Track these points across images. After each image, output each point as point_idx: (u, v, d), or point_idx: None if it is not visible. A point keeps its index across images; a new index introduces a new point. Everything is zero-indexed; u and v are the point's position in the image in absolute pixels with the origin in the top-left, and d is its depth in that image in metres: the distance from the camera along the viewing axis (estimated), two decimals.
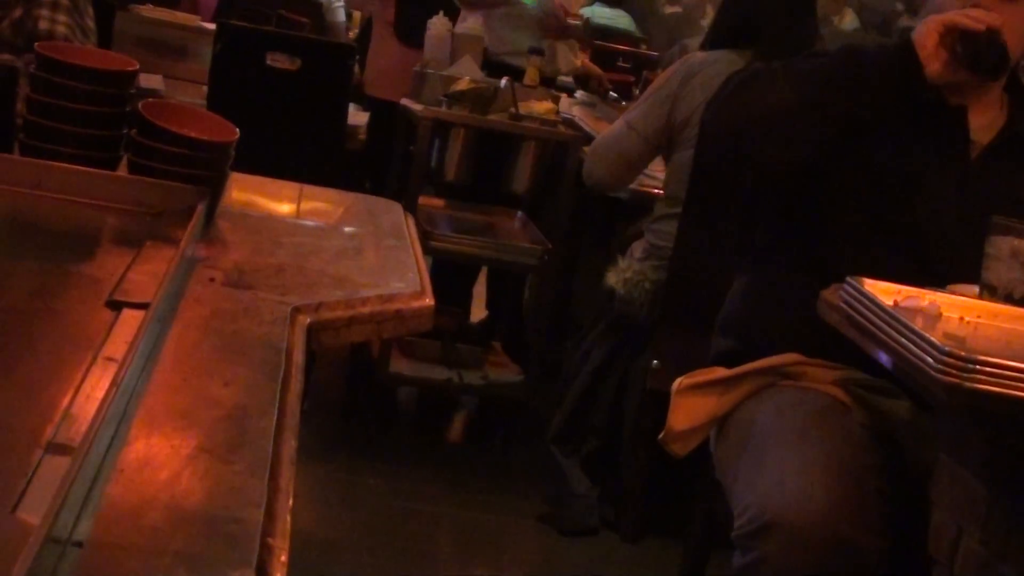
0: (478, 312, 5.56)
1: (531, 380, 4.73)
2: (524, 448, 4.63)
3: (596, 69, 6.32)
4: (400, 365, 4.68)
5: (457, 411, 5.06)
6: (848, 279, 2.25)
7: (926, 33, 2.52)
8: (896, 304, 2.16)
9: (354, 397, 4.76)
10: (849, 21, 9.59)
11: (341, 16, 6.45)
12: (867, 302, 2.16)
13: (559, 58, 5.51)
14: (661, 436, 2.81)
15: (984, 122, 2.74)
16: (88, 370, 1.26)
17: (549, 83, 5.35)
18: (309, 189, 2.41)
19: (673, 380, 2.86)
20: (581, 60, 6.05)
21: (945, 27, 2.50)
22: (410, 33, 5.33)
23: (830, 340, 2.39)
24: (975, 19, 2.48)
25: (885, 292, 2.19)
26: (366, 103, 5.35)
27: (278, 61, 4.18)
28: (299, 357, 1.49)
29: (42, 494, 1.00)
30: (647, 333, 3.84)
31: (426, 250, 4.10)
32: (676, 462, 2.87)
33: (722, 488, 2.72)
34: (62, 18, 2.56)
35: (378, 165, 5.49)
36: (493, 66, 5.09)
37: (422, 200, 4.77)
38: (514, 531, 4.14)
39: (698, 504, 3.10)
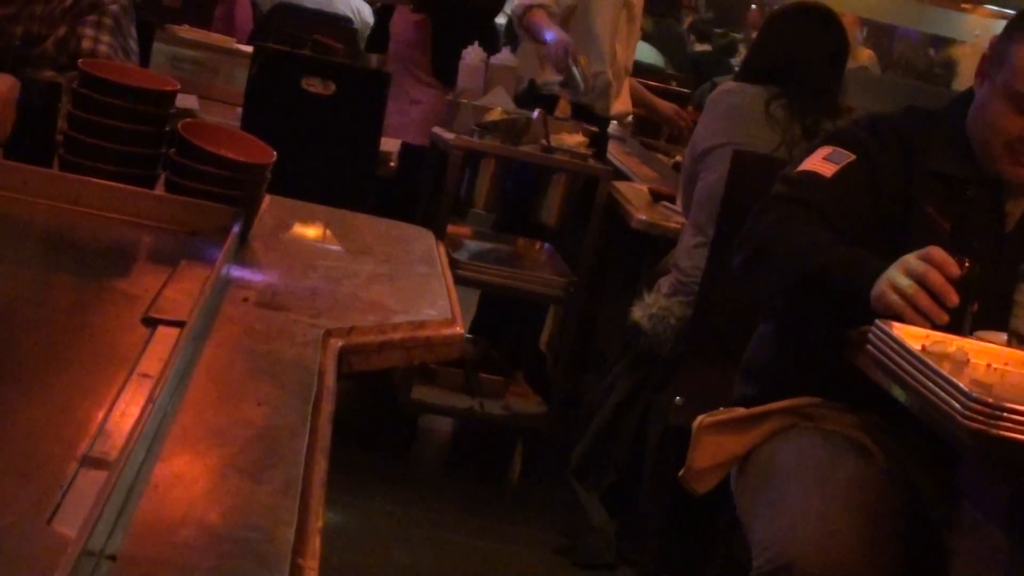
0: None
1: (553, 412, 4.72)
2: (543, 479, 4.63)
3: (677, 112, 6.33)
4: (422, 392, 4.68)
5: (478, 440, 5.06)
6: (877, 322, 2.25)
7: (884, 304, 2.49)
8: (924, 348, 2.16)
9: (375, 422, 4.77)
10: (862, 60, 9.60)
11: None
12: (895, 345, 2.17)
13: (618, 98, 5.53)
14: (681, 473, 2.81)
15: (1019, 195, 2.74)
16: (123, 386, 1.27)
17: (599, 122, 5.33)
18: (342, 213, 2.42)
19: (696, 417, 2.86)
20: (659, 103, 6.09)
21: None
22: (449, 75, 5.29)
23: (852, 386, 2.40)
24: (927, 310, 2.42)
25: (913, 336, 2.19)
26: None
27: (313, 85, 4.20)
28: (331, 380, 1.50)
29: (77, 507, 1.01)
30: (671, 369, 3.84)
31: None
32: (696, 499, 2.86)
33: (741, 527, 2.72)
34: (105, 38, 2.58)
35: (406, 193, 5.51)
36: (539, 98, 5.08)
37: (450, 228, 4.78)
38: (530, 562, 4.13)
39: (717, 542, 3.10)
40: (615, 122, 5.91)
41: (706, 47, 9.69)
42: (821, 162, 2.73)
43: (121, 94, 1.98)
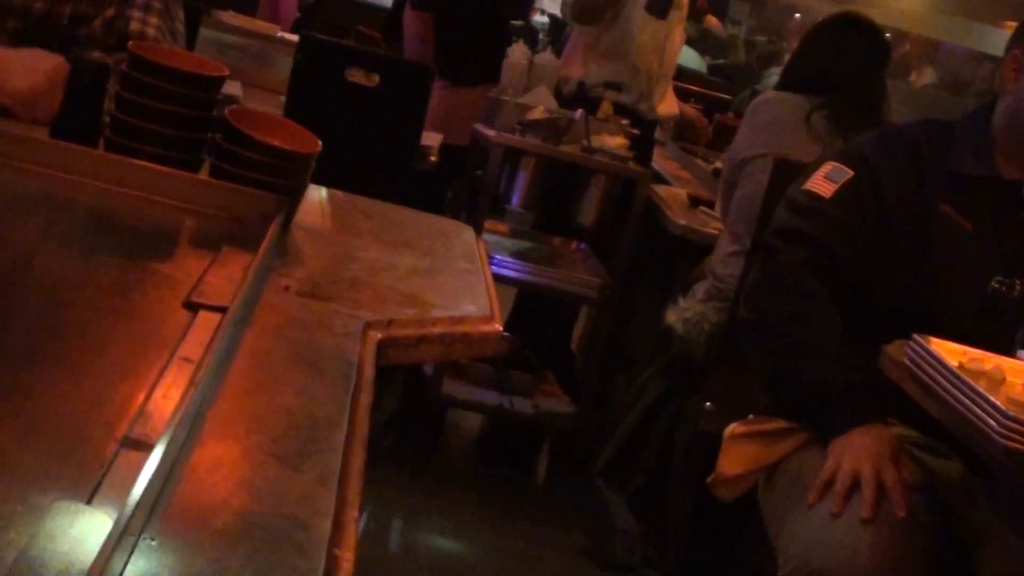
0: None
1: (582, 412, 4.72)
2: (570, 479, 4.63)
3: (700, 119, 6.33)
4: (452, 387, 4.69)
5: (505, 437, 5.06)
6: (914, 336, 2.24)
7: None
8: (960, 365, 2.15)
9: (405, 415, 4.77)
10: (928, 78, 9.56)
11: None
12: (932, 361, 2.16)
13: (663, 100, 5.53)
14: (710, 480, 2.81)
15: None
16: (164, 369, 1.27)
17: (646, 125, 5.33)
18: (384, 206, 2.42)
19: (726, 423, 2.86)
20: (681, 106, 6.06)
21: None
22: (456, 73, 5.27)
23: (886, 399, 2.41)
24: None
25: (951, 352, 2.19)
26: None
27: (356, 76, 4.20)
28: (369, 371, 1.50)
29: (117, 487, 1.02)
30: (703, 374, 3.83)
31: None
32: (723, 506, 2.86)
33: (768, 535, 2.71)
34: (153, 20, 2.59)
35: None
36: (587, 100, 5.08)
37: (487, 225, 4.78)
38: (554, 563, 4.12)
39: (743, 549, 3.09)
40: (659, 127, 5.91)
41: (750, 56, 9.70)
42: (822, 181, 2.77)
43: (169, 77, 1.98)
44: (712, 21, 13.05)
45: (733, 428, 2.82)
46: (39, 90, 2.31)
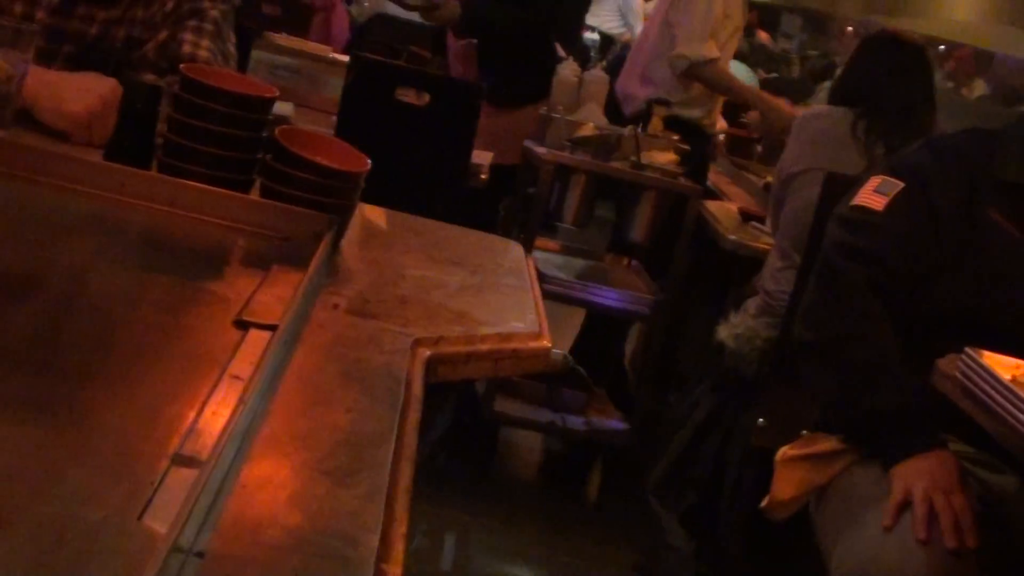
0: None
1: (634, 429, 4.72)
2: (622, 497, 4.63)
3: (749, 132, 6.34)
4: (504, 404, 4.70)
5: (558, 455, 5.06)
6: (967, 350, 2.24)
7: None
8: (1014, 379, 2.14)
9: (457, 433, 4.78)
10: (981, 90, 9.51)
11: None
12: (985, 374, 2.15)
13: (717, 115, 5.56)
14: (763, 505, 2.81)
15: None
16: (215, 387, 1.29)
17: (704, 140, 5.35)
18: (432, 224, 2.43)
19: (778, 439, 2.85)
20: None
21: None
22: (499, 96, 5.26)
23: (938, 414, 2.40)
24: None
25: (1004, 366, 2.18)
26: None
27: (407, 96, 4.22)
28: (418, 389, 1.51)
29: (167, 504, 1.03)
30: (755, 390, 3.82)
31: None
32: (775, 523, 2.86)
33: (820, 552, 2.71)
34: (205, 43, 2.61)
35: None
36: (671, 121, 5.09)
37: (538, 242, 4.79)
38: None
39: (795, 567, 3.08)
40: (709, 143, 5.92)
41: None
42: (871, 195, 2.76)
43: (221, 99, 2.00)
44: (763, 36, 13.04)
45: (784, 451, 2.82)
46: (93, 113, 2.34)
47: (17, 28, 2.17)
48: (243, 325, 1.49)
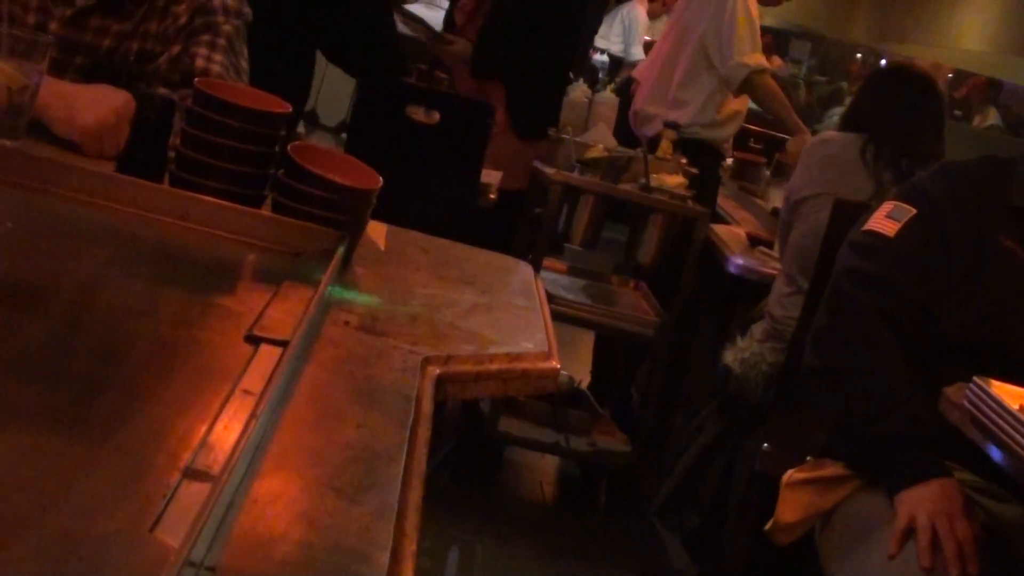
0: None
1: (638, 451, 4.71)
2: (625, 518, 4.62)
3: (758, 157, 6.36)
4: (509, 424, 4.69)
5: (562, 475, 5.06)
6: (975, 379, 2.23)
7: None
8: (1022, 408, 2.14)
9: (461, 452, 4.78)
10: (992, 119, 9.52)
11: None
12: (992, 404, 2.15)
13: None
14: (768, 527, 2.80)
15: None
16: (226, 401, 1.29)
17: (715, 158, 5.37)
18: (443, 242, 2.44)
19: (783, 463, 2.85)
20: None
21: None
22: (530, 129, 5.24)
23: (944, 443, 2.40)
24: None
25: (1011, 395, 2.17)
26: None
27: (417, 114, 4.23)
28: (428, 406, 1.51)
29: (179, 517, 1.03)
30: (760, 415, 3.82)
31: None
32: (779, 547, 2.85)
33: None
34: (218, 57, 2.62)
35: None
36: (688, 143, 5.11)
37: (545, 263, 4.79)
38: None
39: None
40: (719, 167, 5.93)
41: (810, 97, 9.71)
42: (884, 220, 2.76)
43: (234, 114, 2.00)
44: (776, 62, 13.02)
45: (790, 475, 2.81)
46: (106, 125, 2.34)
47: (32, 39, 2.17)
48: (254, 340, 1.49)
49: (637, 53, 10.71)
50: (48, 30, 2.55)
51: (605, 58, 10.84)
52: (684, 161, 4.86)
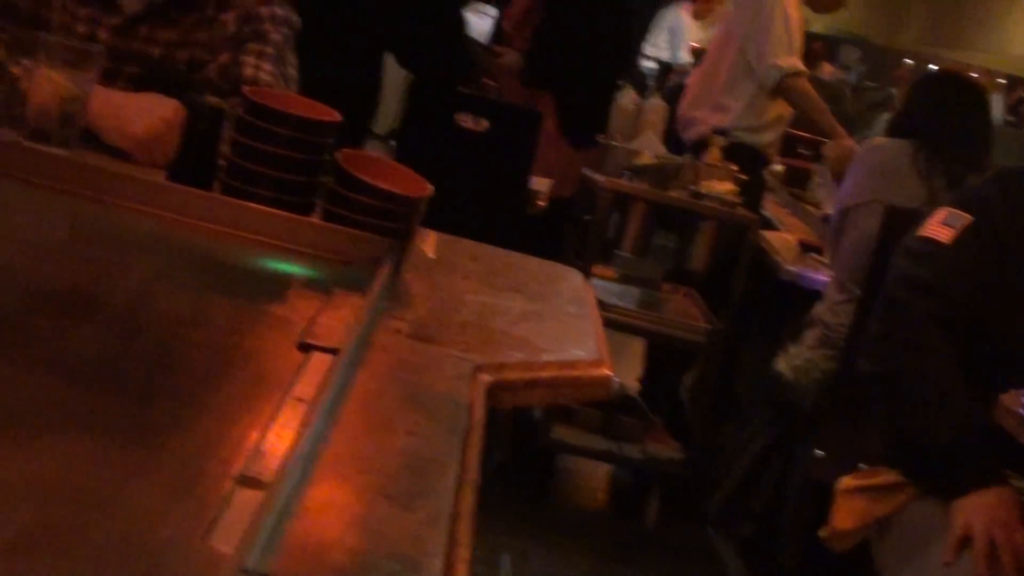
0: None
1: (692, 458, 4.69)
2: (680, 527, 4.60)
3: (807, 163, 6.33)
4: (561, 432, 4.68)
5: (614, 483, 5.04)
6: None
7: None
8: None
9: (514, 461, 4.77)
10: None
11: None
12: None
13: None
14: (823, 534, 2.78)
15: None
16: (278, 408, 1.28)
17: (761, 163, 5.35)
18: (493, 250, 2.43)
19: (836, 471, 2.83)
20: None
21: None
22: (577, 134, 5.22)
23: (999, 449, 2.37)
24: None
25: None
26: None
27: (466, 121, 4.23)
28: (480, 413, 1.51)
29: (232, 524, 1.03)
30: (813, 422, 3.80)
31: None
32: (834, 554, 2.83)
33: None
34: (267, 66, 2.62)
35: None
36: (731, 150, 5.08)
37: (595, 269, 4.78)
38: None
39: None
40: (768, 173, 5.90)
41: (859, 105, 9.64)
42: (939, 227, 2.73)
43: (284, 122, 2.01)
44: (827, 68, 12.93)
45: (845, 482, 2.79)
46: (156, 134, 2.35)
47: (82, 49, 2.18)
48: (306, 348, 1.49)
49: (684, 57, 10.69)
50: (98, 39, 2.56)
51: (653, 64, 10.82)
52: (735, 168, 4.84)
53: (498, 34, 5.54)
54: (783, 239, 4.88)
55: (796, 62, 5.28)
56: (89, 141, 2.31)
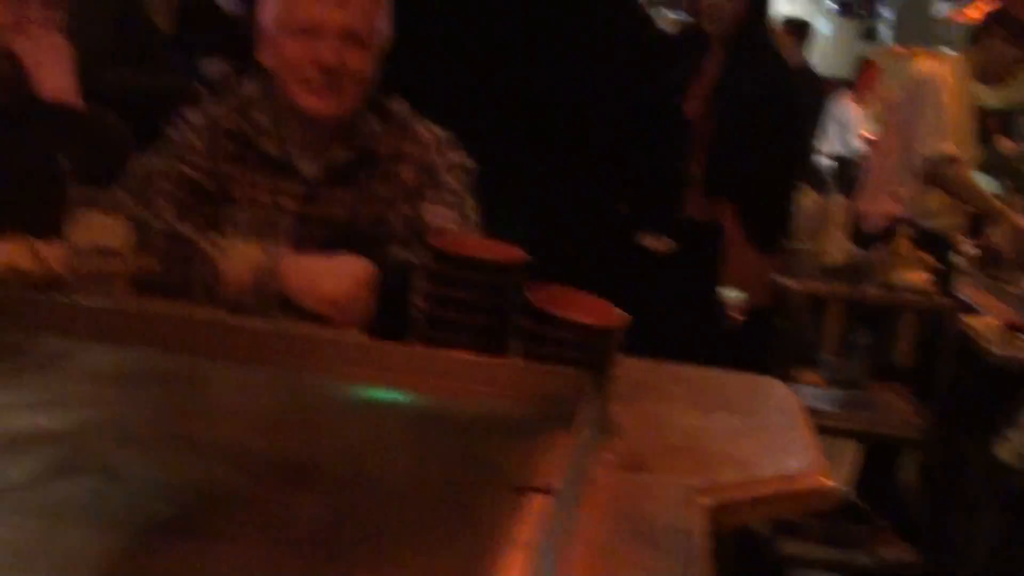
0: None
1: (925, 559, 4.54)
2: None
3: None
4: (788, 546, 4.58)
5: None
6: None
7: None
8: None
9: None
10: None
11: None
12: None
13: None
14: None
15: None
16: (501, 557, 1.27)
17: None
18: (692, 368, 2.40)
19: None
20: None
21: None
22: (762, 239, 5.16)
23: None
24: None
25: None
26: None
27: (649, 241, 4.21)
28: (703, 539, 1.48)
29: None
30: None
31: None
32: None
33: None
34: (447, 212, 2.66)
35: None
36: (921, 235, 5.00)
37: (799, 375, 4.71)
38: None
39: None
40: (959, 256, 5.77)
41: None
42: None
43: (474, 268, 2.01)
44: (1007, 144, 12.62)
45: None
46: (348, 294, 2.39)
47: (270, 218, 2.24)
48: (522, 491, 1.48)
49: (855, 145, 10.58)
50: (282, 208, 2.62)
51: (828, 161, 10.74)
52: (926, 257, 4.74)
53: None
54: (987, 323, 4.75)
55: (945, 147, 5.14)
56: (285, 308, 2.35)
